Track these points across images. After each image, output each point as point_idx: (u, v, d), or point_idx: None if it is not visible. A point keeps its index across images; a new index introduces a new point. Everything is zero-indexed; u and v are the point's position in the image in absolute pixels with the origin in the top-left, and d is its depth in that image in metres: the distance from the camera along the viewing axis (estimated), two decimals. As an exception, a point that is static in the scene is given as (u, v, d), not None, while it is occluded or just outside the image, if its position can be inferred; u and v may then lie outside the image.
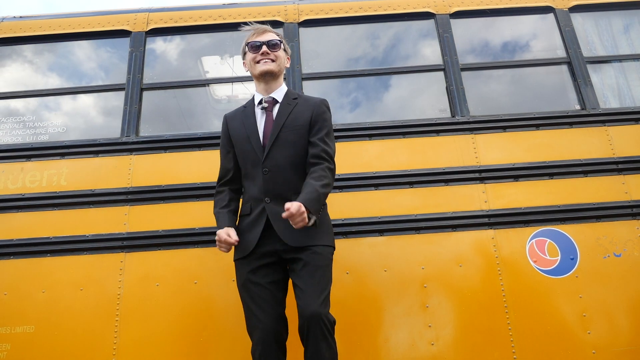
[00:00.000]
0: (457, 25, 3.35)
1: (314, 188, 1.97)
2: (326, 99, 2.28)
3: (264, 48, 2.16)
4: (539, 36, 3.44)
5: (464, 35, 3.38)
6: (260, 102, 2.20)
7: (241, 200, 2.24)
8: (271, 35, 2.21)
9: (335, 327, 2.01)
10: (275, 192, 2.06)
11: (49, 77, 3.39)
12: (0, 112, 3.23)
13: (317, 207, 1.96)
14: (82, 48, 3.45)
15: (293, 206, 1.85)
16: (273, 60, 2.17)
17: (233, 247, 2.11)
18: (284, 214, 1.87)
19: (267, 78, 2.19)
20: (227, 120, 2.28)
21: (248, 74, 2.31)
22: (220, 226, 2.12)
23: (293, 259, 2.03)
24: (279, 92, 2.22)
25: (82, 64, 3.44)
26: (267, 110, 2.17)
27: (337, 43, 3.49)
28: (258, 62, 2.17)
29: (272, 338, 1.99)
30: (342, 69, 3.33)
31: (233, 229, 2.11)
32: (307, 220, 1.90)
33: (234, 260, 2.17)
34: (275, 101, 2.20)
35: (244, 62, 2.29)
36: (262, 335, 1.99)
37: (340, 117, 3.18)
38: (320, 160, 2.09)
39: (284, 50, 2.25)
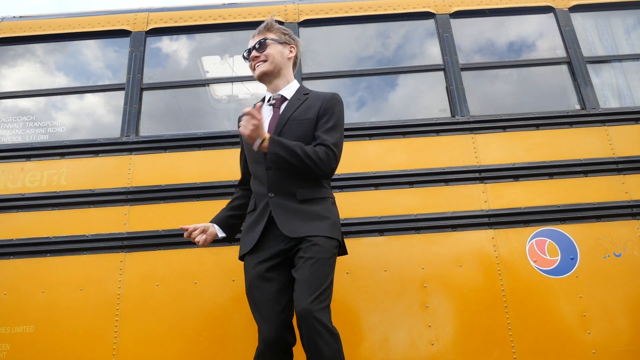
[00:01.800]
0: (457, 25, 3.35)
1: (297, 144, 1.95)
2: None
3: (253, 52, 2.15)
4: (539, 36, 3.44)
5: (464, 35, 3.38)
6: (268, 100, 2.18)
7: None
8: (259, 37, 2.17)
9: (335, 327, 1.99)
10: (280, 187, 2.02)
11: (49, 77, 3.39)
12: (1, 112, 3.23)
13: (281, 149, 1.91)
14: (82, 48, 3.45)
15: (254, 110, 1.86)
16: (265, 61, 2.14)
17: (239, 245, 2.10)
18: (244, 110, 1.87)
19: (266, 79, 2.17)
20: (239, 121, 2.22)
21: (248, 73, 2.31)
22: (212, 220, 2.19)
23: (295, 255, 1.96)
24: (289, 89, 2.18)
25: (82, 63, 3.44)
26: (275, 107, 2.14)
27: (337, 43, 3.49)
28: (253, 67, 2.16)
29: (275, 346, 1.90)
30: (342, 69, 3.33)
31: (214, 226, 2.17)
32: (257, 135, 1.88)
33: (239, 259, 2.11)
34: (283, 98, 2.16)
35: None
36: (263, 346, 1.90)
37: (340, 117, 3.17)
38: (320, 145, 2.02)
39: (282, 42, 2.18)
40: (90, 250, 2.79)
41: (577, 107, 3.17)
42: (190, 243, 2.77)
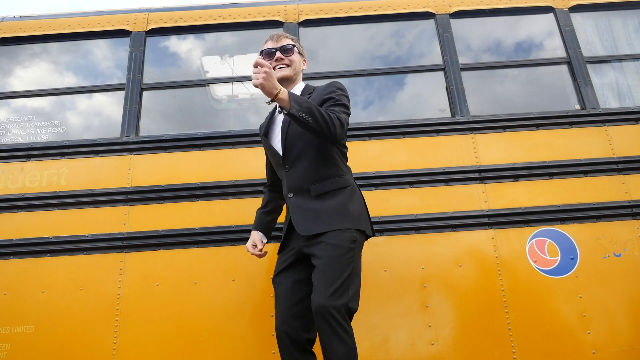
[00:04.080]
0: (457, 25, 3.35)
1: (312, 102, 1.94)
2: None
3: (278, 54, 2.18)
4: (539, 36, 3.44)
5: (464, 35, 3.38)
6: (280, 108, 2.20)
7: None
8: (285, 41, 2.22)
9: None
10: (297, 185, 2.08)
11: (49, 77, 3.39)
12: (1, 112, 3.23)
13: (299, 102, 1.88)
14: (82, 48, 3.45)
15: (261, 59, 1.85)
16: (288, 65, 2.19)
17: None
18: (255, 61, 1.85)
19: (283, 83, 2.16)
20: (260, 130, 2.36)
21: (248, 73, 2.32)
22: (253, 227, 2.35)
23: (311, 254, 2.01)
24: (295, 90, 2.23)
25: (82, 63, 3.44)
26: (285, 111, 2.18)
27: (337, 43, 3.49)
28: (273, 68, 2.17)
29: (284, 338, 2.00)
30: (342, 69, 3.33)
31: (260, 233, 2.33)
32: (270, 85, 1.83)
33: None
34: None
35: None
36: (277, 337, 2.04)
37: (340, 117, 3.17)
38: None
39: (299, 53, 2.27)
40: (90, 250, 2.79)
41: (577, 107, 3.17)
42: (190, 243, 2.80)
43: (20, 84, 3.35)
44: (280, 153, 2.13)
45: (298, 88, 2.24)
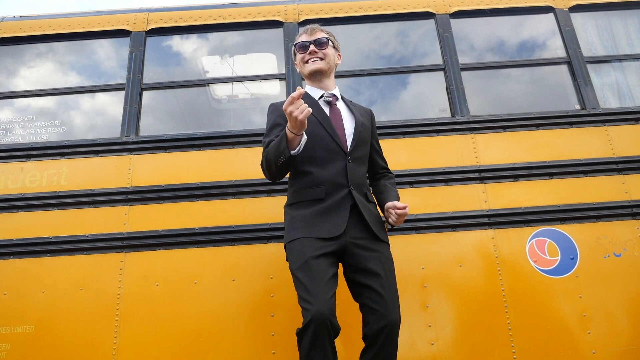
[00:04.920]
0: (457, 25, 3.35)
1: (397, 192, 2.22)
2: None
3: (312, 47, 2.17)
4: (539, 36, 3.44)
5: (464, 35, 3.38)
6: (321, 97, 2.19)
7: (293, 187, 2.15)
8: (320, 34, 2.21)
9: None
10: (357, 182, 2.09)
11: (49, 77, 3.39)
12: (1, 112, 3.23)
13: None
14: (82, 48, 3.45)
15: (405, 205, 2.04)
16: (322, 59, 2.18)
17: (293, 228, 2.04)
18: (400, 211, 2.02)
19: (318, 77, 2.19)
20: (280, 106, 2.18)
21: (248, 73, 2.32)
22: (282, 134, 1.94)
23: (366, 249, 2.00)
24: (337, 91, 2.26)
25: (82, 63, 3.44)
26: (332, 104, 2.19)
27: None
28: (307, 61, 2.18)
29: (327, 323, 1.82)
30: (342, 69, 3.32)
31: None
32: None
33: (290, 242, 2.03)
34: (336, 98, 2.23)
35: (295, 64, 2.31)
36: (314, 324, 1.81)
37: (340, 117, 3.17)
38: (389, 172, 2.37)
39: (334, 47, 2.26)
40: (90, 250, 2.79)
41: (577, 107, 3.17)
42: (190, 243, 2.79)
43: (20, 84, 3.35)
44: (348, 145, 2.10)
45: (337, 91, 2.27)
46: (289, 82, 3.12)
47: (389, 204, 2.08)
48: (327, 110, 2.16)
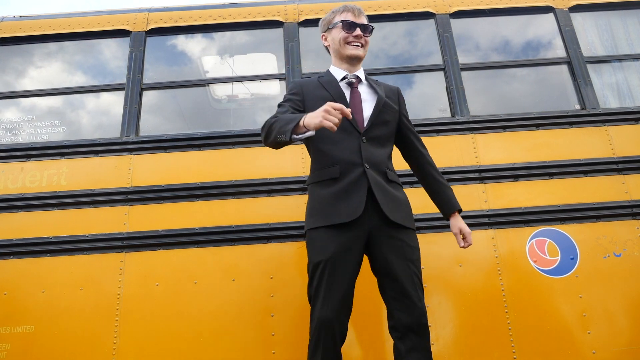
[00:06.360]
0: (457, 25, 3.36)
1: (451, 190, 2.22)
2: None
3: (358, 31, 2.14)
4: (539, 36, 3.44)
5: (464, 35, 3.38)
6: (344, 78, 2.15)
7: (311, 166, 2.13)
8: (365, 19, 2.19)
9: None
10: (374, 161, 2.00)
11: (49, 77, 3.39)
12: (1, 112, 3.23)
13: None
14: (82, 48, 3.45)
15: (469, 234, 2.15)
16: (362, 45, 2.16)
17: (313, 216, 1.97)
18: (466, 245, 2.14)
19: (354, 62, 2.17)
20: (301, 83, 2.19)
21: (248, 73, 2.31)
22: (299, 116, 1.82)
23: (389, 237, 1.93)
24: (360, 72, 2.21)
25: (82, 63, 3.44)
26: (354, 87, 2.14)
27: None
28: (349, 42, 2.14)
29: (337, 332, 1.82)
30: (342, 69, 3.33)
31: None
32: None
33: (311, 229, 1.97)
34: (359, 79, 2.18)
35: (323, 36, 2.25)
36: (323, 327, 1.80)
37: (340, 117, 3.17)
38: (425, 149, 2.26)
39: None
40: (90, 250, 2.79)
41: (577, 107, 3.17)
42: (190, 243, 2.79)
43: (20, 84, 3.35)
44: (365, 125, 2.04)
45: (362, 72, 2.21)
46: (289, 82, 3.12)
47: (456, 230, 2.18)
48: (347, 92, 2.12)
